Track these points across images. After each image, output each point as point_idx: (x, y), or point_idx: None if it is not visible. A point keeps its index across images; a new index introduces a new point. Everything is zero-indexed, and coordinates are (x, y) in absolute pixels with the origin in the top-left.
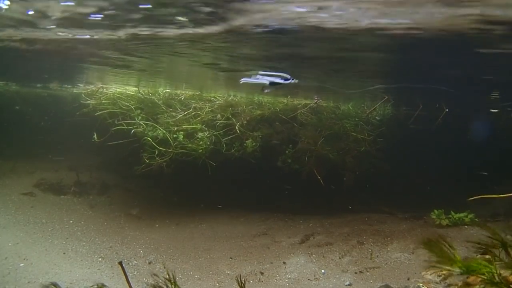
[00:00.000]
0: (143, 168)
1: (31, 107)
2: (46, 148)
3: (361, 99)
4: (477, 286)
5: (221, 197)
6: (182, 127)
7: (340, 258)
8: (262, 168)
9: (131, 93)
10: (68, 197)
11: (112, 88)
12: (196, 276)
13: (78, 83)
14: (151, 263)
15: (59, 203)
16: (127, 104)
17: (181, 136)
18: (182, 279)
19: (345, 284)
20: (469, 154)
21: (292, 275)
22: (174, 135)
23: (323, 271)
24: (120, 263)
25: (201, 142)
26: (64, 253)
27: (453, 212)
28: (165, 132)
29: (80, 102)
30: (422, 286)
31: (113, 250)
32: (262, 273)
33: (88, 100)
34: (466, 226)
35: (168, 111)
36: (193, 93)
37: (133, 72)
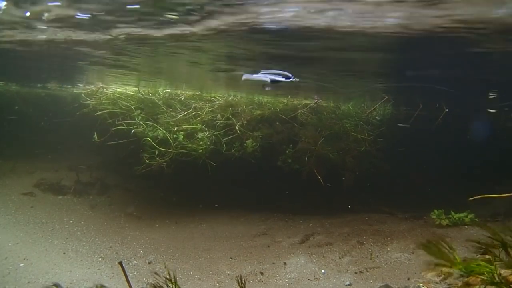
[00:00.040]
0: (143, 168)
1: (31, 107)
2: (46, 148)
3: (361, 99)
4: (477, 286)
5: (221, 197)
6: (182, 127)
7: (340, 258)
8: (262, 168)
9: (131, 93)
10: (68, 197)
11: (112, 88)
12: (196, 276)
13: (78, 83)
14: (151, 263)
15: (59, 203)
16: (127, 104)
17: (181, 136)
18: (182, 279)
19: (345, 284)
20: (469, 154)
21: (292, 275)
22: (174, 135)
23: (323, 271)
24: (120, 263)
25: (201, 142)
26: (64, 253)
27: (453, 212)
28: (165, 132)
29: (80, 102)
30: (422, 286)
31: (113, 250)
32: (262, 273)
33: (88, 100)
34: (466, 226)
35: (168, 111)
36: (193, 93)
37: (129, 72)
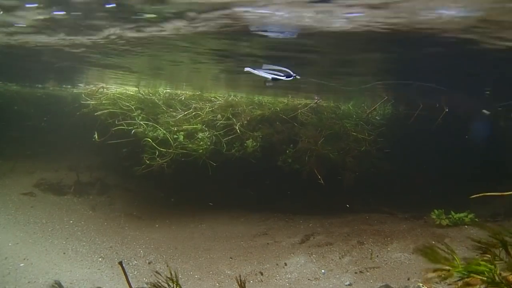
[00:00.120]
0: (144, 169)
1: (32, 107)
2: (46, 148)
3: (361, 98)
4: (478, 286)
5: (221, 197)
6: (183, 127)
7: (340, 258)
8: (263, 168)
9: (131, 93)
10: (68, 197)
11: (112, 88)
12: (196, 276)
13: (78, 83)
14: (151, 263)
15: (59, 203)
16: (127, 104)
17: (182, 137)
18: (182, 279)
19: (345, 284)
20: (469, 154)
21: (292, 275)
22: (175, 136)
23: (323, 271)
24: (120, 263)
25: (202, 142)
26: (64, 253)
27: (453, 212)
28: (166, 133)
29: (80, 102)
30: (422, 286)
31: (113, 250)
32: (262, 273)
33: (88, 100)
34: (466, 226)
35: (169, 111)
36: (194, 93)
37: (124, 71)
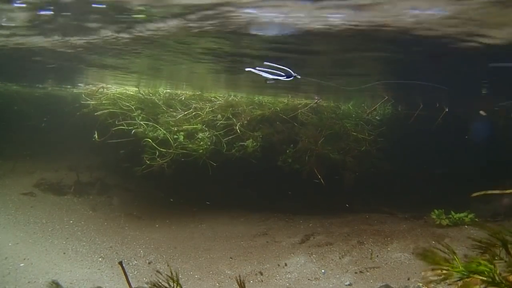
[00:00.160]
0: (144, 169)
1: (32, 107)
2: (46, 148)
3: (361, 98)
4: (478, 286)
5: (221, 197)
6: (183, 127)
7: (340, 258)
8: (263, 168)
9: (131, 93)
10: (68, 197)
11: (113, 88)
12: (196, 276)
13: (79, 83)
14: (151, 263)
15: (59, 203)
16: (128, 104)
17: (182, 137)
18: (183, 279)
19: (345, 284)
20: (469, 154)
21: (292, 275)
22: (175, 136)
23: (323, 271)
24: (120, 263)
25: (202, 143)
26: (64, 253)
27: (453, 212)
28: (166, 133)
29: (81, 103)
30: (422, 286)
31: (113, 250)
32: (262, 273)
33: (88, 101)
34: (466, 226)
35: (169, 111)
36: (194, 93)
37: (124, 71)
